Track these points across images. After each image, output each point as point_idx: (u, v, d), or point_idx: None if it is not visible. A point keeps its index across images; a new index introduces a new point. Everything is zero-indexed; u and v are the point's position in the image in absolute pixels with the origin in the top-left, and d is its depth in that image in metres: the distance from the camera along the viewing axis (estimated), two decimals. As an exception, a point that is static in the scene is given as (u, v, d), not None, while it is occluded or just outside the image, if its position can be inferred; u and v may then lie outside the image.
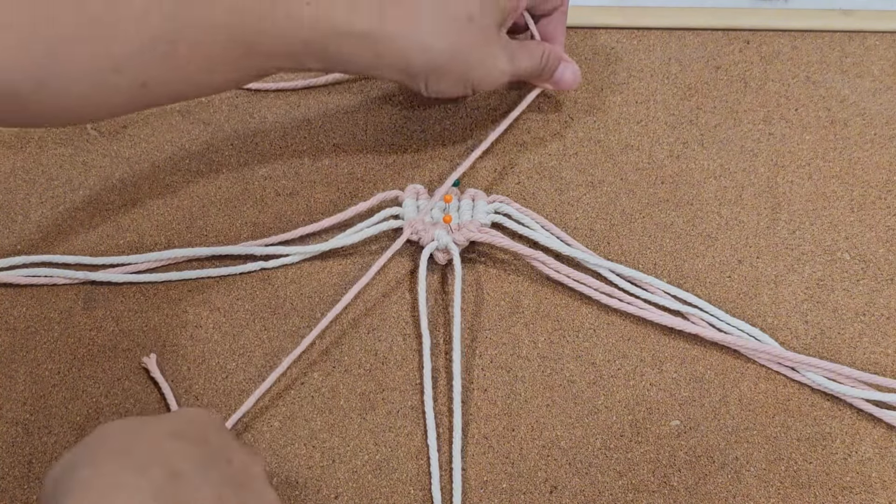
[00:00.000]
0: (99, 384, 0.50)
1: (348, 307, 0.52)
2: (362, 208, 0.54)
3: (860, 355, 0.51)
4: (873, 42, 0.63)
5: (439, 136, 0.59)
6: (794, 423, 0.49)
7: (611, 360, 0.51)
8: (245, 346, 0.51)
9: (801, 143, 0.59)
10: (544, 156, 0.58)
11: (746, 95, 0.61)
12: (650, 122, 0.60)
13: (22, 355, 0.51)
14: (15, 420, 0.49)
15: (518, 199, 0.56)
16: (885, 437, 0.49)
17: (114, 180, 0.57)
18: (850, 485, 0.48)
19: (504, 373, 0.51)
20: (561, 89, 0.57)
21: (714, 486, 0.47)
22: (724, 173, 0.57)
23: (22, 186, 0.56)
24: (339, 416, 0.49)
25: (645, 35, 0.64)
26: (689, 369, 0.51)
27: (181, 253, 0.53)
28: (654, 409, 0.50)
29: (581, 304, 0.53)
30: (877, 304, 0.53)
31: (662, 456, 0.48)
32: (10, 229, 0.55)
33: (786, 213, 0.56)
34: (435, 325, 0.52)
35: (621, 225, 0.55)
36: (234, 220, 0.55)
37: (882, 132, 0.59)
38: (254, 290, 0.53)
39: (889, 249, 0.55)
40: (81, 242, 0.54)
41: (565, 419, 0.49)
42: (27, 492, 0.47)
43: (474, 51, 0.48)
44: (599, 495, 0.47)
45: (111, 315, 0.52)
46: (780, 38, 0.63)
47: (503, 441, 0.49)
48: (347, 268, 0.54)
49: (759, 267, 0.54)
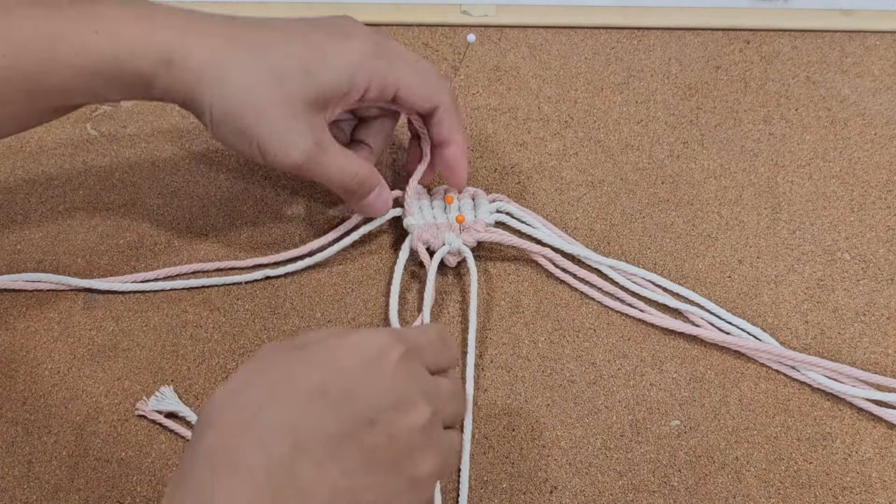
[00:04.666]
0: (99, 384, 0.50)
1: (349, 307, 0.52)
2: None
3: (860, 355, 0.51)
4: (873, 42, 0.63)
5: (439, 136, 0.59)
6: (795, 423, 0.49)
7: (611, 360, 0.51)
8: (245, 346, 0.51)
9: (801, 143, 0.59)
10: (544, 156, 0.58)
11: (746, 95, 0.61)
12: (650, 122, 0.60)
13: (22, 355, 0.51)
14: (15, 420, 0.49)
15: (518, 199, 0.56)
16: (886, 436, 0.49)
17: (114, 180, 0.57)
18: (850, 485, 0.48)
19: (504, 373, 0.51)
20: (364, 214, 0.53)
21: (714, 486, 0.47)
22: (725, 173, 0.57)
23: (22, 186, 0.56)
24: (339, 416, 0.49)
25: (645, 35, 0.64)
26: (689, 369, 0.51)
27: (188, 269, 0.53)
28: (654, 409, 0.50)
29: (581, 304, 0.53)
30: (877, 304, 0.53)
31: (662, 456, 0.48)
32: (10, 229, 0.55)
33: (786, 213, 0.56)
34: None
35: (621, 225, 0.55)
36: (234, 220, 0.55)
37: (882, 132, 0.59)
38: (254, 290, 0.53)
39: (889, 249, 0.55)
40: (81, 242, 0.54)
41: (565, 419, 0.49)
42: (27, 492, 0.47)
43: (271, 112, 0.44)
44: (599, 495, 0.47)
45: (111, 315, 0.52)
46: (780, 38, 0.63)
47: (503, 441, 0.49)
48: (347, 268, 0.54)
49: (760, 267, 0.54)
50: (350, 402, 0.35)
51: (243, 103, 0.44)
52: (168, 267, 0.53)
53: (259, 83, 0.44)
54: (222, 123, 0.45)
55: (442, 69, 0.62)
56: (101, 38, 0.43)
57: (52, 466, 0.47)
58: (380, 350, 0.37)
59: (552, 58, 0.62)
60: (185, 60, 0.43)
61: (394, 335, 0.38)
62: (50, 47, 0.42)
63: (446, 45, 0.63)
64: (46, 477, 0.47)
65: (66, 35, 0.43)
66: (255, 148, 0.46)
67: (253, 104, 0.44)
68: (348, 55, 0.46)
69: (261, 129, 0.45)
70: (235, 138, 0.46)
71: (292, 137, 0.45)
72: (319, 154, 0.47)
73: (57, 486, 0.47)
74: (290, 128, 0.45)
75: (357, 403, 0.35)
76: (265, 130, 0.45)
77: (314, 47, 0.45)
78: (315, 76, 0.45)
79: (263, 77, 0.44)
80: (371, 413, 0.35)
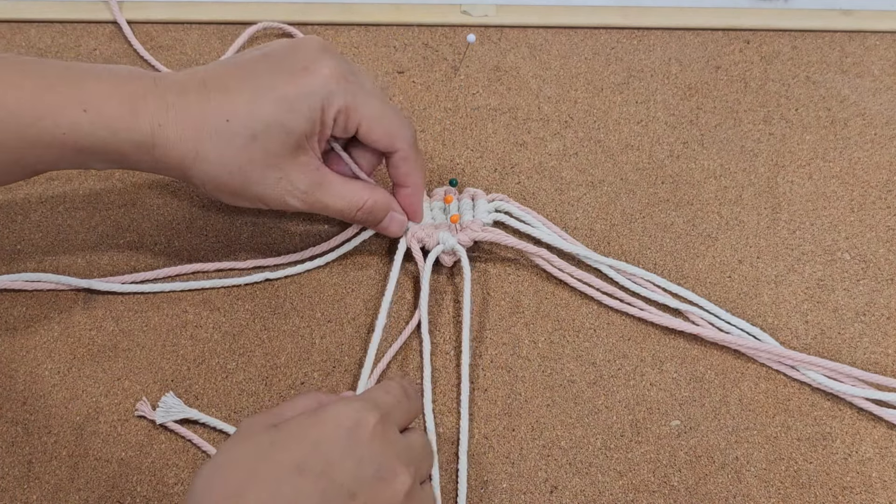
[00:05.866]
0: (99, 384, 0.50)
1: (349, 307, 0.52)
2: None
3: (860, 355, 0.51)
4: (873, 42, 0.63)
5: (439, 135, 0.59)
6: (795, 423, 0.49)
7: (611, 360, 0.51)
8: (245, 346, 0.51)
9: (801, 143, 0.59)
10: (544, 156, 0.58)
11: (746, 95, 0.61)
12: (650, 122, 0.60)
13: (22, 355, 0.51)
14: (15, 420, 0.49)
15: (518, 199, 0.56)
16: (886, 436, 0.49)
17: (114, 180, 0.57)
18: (850, 485, 0.48)
19: (504, 373, 0.51)
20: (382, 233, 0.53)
21: (714, 486, 0.47)
22: (725, 173, 0.57)
23: (22, 186, 0.56)
24: (339, 416, 0.49)
25: (645, 35, 0.64)
26: (689, 369, 0.51)
27: (188, 269, 0.53)
28: (654, 409, 0.50)
29: (581, 304, 0.53)
30: (877, 304, 0.53)
31: (662, 456, 0.48)
32: (10, 229, 0.55)
33: (786, 213, 0.56)
34: (434, 324, 0.52)
35: (621, 225, 0.55)
36: (234, 220, 0.55)
37: (882, 132, 0.59)
38: (254, 290, 0.53)
39: (889, 249, 0.55)
40: (81, 242, 0.54)
41: (565, 419, 0.49)
42: (27, 492, 0.47)
43: (255, 169, 0.46)
44: (599, 495, 0.47)
45: (111, 315, 0.52)
46: (780, 38, 0.63)
47: (503, 441, 0.49)
48: (347, 267, 0.54)
49: (760, 267, 0.54)
50: (330, 477, 0.36)
51: (228, 172, 0.46)
52: (168, 267, 0.53)
53: (235, 148, 0.45)
54: (220, 192, 0.47)
55: (442, 69, 0.62)
56: (88, 118, 0.43)
57: (52, 466, 0.47)
58: (354, 422, 0.37)
59: (552, 58, 0.62)
60: (165, 146, 0.44)
61: (364, 404, 0.38)
62: (34, 124, 0.43)
63: (446, 45, 0.63)
64: (46, 477, 0.47)
65: (52, 114, 0.43)
66: (257, 202, 0.48)
67: (237, 168, 0.45)
68: (313, 96, 0.46)
69: (254, 188, 0.47)
70: (239, 201, 0.48)
71: (284, 186, 0.47)
72: (318, 193, 0.48)
73: (57, 486, 0.47)
74: (279, 178, 0.46)
75: (337, 478, 0.36)
76: (258, 188, 0.47)
77: (279, 98, 0.45)
78: (285, 125, 0.45)
79: (238, 141, 0.45)
80: (352, 485, 0.36)
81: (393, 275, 0.51)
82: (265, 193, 0.47)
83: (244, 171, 0.46)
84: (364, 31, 0.63)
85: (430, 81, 0.61)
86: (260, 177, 0.46)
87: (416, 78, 0.61)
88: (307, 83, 0.45)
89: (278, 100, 0.45)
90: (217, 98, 0.45)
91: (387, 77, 0.61)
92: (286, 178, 0.47)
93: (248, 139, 0.45)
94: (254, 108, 0.45)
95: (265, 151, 0.45)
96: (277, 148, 0.45)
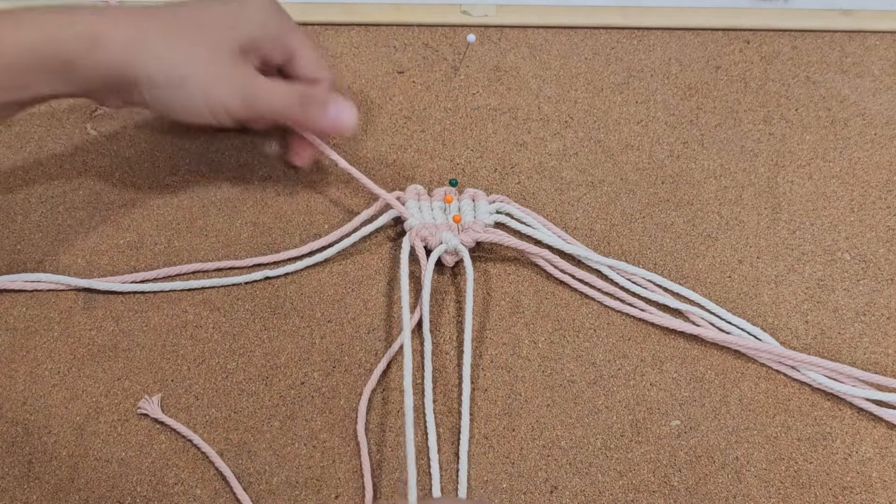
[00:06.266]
0: (99, 384, 0.50)
1: (349, 307, 0.52)
2: (366, 216, 0.54)
3: (860, 355, 0.51)
4: (873, 42, 0.63)
5: (439, 135, 0.59)
6: (795, 423, 0.49)
7: (611, 360, 0.51)
8: (245, 346, 0.51)
9: (801, 143, 0.59)
10: (544, 156, 0.58)
11: (746, 95, 0.61)
12: (650, 122, 0.60)
13: (22, 355, 0.51)
14: (15, 420, 0.49)
15: (518, 199, 0.56)
16: (886, 436, 0.49)
17: (114, 180, 0.57)
18: (850, 485, 0.48)
19: (504, 373, 0.51)
20: (338, 133, 0.54)
21: (714, 486, 0.47)
22: (725, 173, 0.57)
23: (22, 186, 0.56)
24: (339, 416, 0.49)
25: (645, 35, 0.64)
26: (689, 369, 0.51)
27: (188, 268, 0.53)
28: (654, 409, 0.50)
29: (581, 304, 0.53)
30: (877, 304, 0.53)
31: (662, 456, 0.48)
32: (10, 229, 0.55)
33: (786, 213, 0.56)
34: (435, 324, 0.52)
35: (621, 225, 0.55)
36: (234, 220, 0.55)
37: (882, 132, 0.59)
38: (254, 290, 0.53)
39: (889, 249, 0.55)
40: (81, 242, 0.54)
41: (565, 419, 0.49)
42: (27, 492, 0.47)
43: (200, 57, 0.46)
44: (599, 495, 0.47)
45: (111, 315, 0.52)
46: (780, 38, 0.63)
47: (503, 441, 0.49)
48: (347, 267, 0.54)
49: (760, 267, 0.54)
50: None
51: (175, 62, 0.46)
52: (168, 267, 0.53)
53: (183, 38, 0.46)
54: (161, 86, 0.46)
55: (442, 69, 0.62)
56: (21, 31, 0.44)
57: (52, 466, 0.47)
58: None
59: (552, 58, 0.62)
60: (109, 40, 0.45)
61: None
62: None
63: (446, 45, 0.63)
64: (46, 477, 0.47)
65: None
66: (199, 100, 0.47)
67: (184, 55, 0.46)
68: (258, 14, 0.49)
69: (198, 77, 0.46)
70: (175, 96, 0.47)
71: (225, 85, 0.47)
72: (258, 91, 0.48)
73: (57, 486, 0.47)
74: (222, 74, 0.47)
75: None
76: (202, 76, 0.46)
77: (226, 8, 0.48)
78: (235, 27, 0.47)
79: (187, 33, 0.46)
80: None
81: (403, 273, 0.51)
82: (207, 91, 0.47)
83: (192, 58, 0.46)
84: (364, 31, 0.63)
85: (430, 81, 0.61)
86: (206, 65, 0.47)
87: (416, 78, 0.61)
88: (251, 6, 0.49)
89: (223, 11, 0.48)
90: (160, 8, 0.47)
91: (387, 77, 0.61)
92: (227, 78, 0.47)
93: (198, 32, 0.46)
94: (199, 11, 0.47)
95: (215, 45, 0.47)
96: (227, 46, 0.47)
